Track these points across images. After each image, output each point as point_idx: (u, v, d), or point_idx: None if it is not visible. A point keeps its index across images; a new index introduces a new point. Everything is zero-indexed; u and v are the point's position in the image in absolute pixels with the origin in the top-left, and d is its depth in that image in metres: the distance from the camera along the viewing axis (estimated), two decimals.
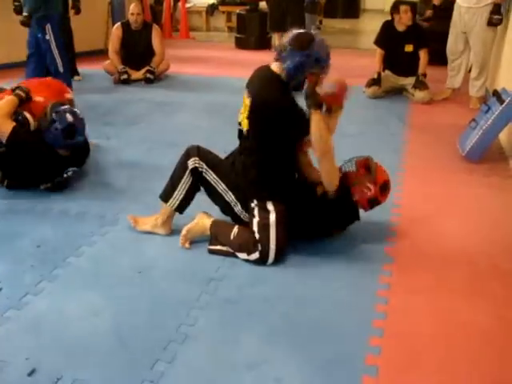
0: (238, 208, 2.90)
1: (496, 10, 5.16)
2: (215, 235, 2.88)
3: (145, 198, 3.45)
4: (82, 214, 3.26)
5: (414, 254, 2.89)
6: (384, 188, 2.96)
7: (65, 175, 3.51)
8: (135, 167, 3.98)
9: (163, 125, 4.94)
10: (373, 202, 2.96)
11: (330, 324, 2.35)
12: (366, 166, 2.93)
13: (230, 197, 2.88)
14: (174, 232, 3.03)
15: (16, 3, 6.04)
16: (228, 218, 3.01)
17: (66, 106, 3.62)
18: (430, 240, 3.03)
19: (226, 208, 2.96)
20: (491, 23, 5.20)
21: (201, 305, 2.45)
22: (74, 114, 3.57)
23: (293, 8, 6.72)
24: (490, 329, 2.34)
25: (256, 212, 2.78)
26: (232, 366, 2.10)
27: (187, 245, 2.90)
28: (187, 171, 2.89)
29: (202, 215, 2.96)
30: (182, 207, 2.96)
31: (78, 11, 6.49)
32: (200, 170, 2.88)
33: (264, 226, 2.74)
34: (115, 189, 3.62)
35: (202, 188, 2.97)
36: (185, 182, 2.91)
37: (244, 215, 2.89)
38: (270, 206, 2.77)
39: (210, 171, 2.88)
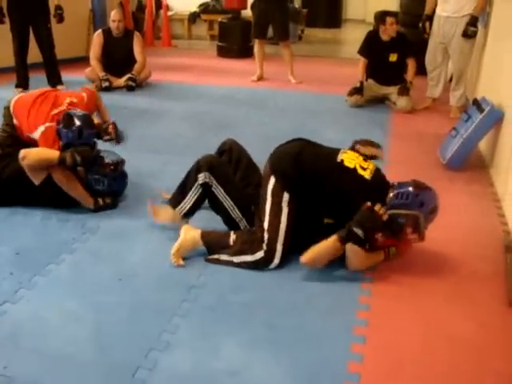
0: (243, 223, 2.96)
1: (472, 21, 5.21)
2: (208, 245, 2.86)
3: (126, 204, 3.44)
4: (63, 221, 3.23)
5: (394, 261, 2.89)
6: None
7: None
8: None
9: (145, 132, 4.91)
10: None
11: (311, 331, 2.34)
12: (415, 225, 2.75)
13: (236, 213, 2.95)
14: (154, 239, 3.03)
15: None
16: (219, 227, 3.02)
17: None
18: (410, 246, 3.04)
19: (229, 222, 3.01)
20: (466, 34, 5.25)
21: (182, 312, 2.43)
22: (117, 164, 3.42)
23: (278, 17, 6.75)
24: (471, 335, 2.35)
25: (269, 202, 2.76)
26: (213, 374, 2.09)
27: (181, 262, 2.80)
28: (197, 183, 2.94)
29: (187, 228, 2.89)
30: (188, 215, 3.01)
31: (60, 20, 6.42)
32: (210, 184, 2.92)
33: (277, 211, 2.73)
34: None
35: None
36: (193, 193, 2.96)
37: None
38: (285, 209, 2.74)
39: (220, 187, 2.93)
